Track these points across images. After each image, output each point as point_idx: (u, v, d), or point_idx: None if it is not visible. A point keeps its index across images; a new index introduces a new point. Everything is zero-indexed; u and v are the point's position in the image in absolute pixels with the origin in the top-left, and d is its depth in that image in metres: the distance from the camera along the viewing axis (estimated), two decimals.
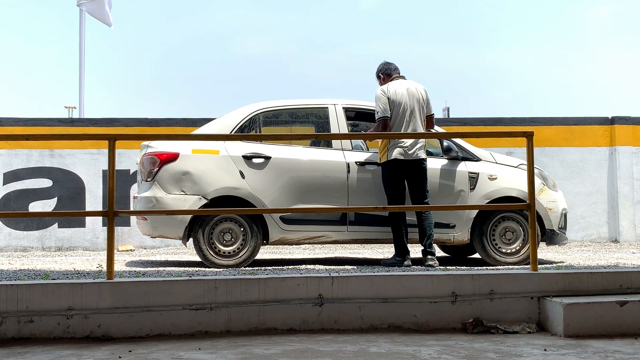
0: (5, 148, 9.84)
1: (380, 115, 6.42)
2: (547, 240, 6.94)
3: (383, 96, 6.45)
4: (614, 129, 10.45)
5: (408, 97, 6.45)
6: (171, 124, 9.97)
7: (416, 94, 6.49)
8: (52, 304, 3.97)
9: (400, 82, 6.56)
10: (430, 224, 6.43)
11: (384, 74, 6.73)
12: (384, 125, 6.40)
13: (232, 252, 6.52)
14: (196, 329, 4.06)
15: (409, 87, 6.51)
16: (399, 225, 6.43)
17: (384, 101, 6.43)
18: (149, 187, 6.56)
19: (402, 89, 6.47)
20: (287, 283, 4.19)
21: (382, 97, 6.46)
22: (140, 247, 9.76)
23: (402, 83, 6.55)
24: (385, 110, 6.41)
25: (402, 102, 6.42)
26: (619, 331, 4.04)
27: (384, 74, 6.73)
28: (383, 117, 6.41)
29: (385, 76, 6.71)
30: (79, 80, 14.15)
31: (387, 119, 6.40)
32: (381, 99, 6.45)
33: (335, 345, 3.76)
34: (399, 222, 6.43)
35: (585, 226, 10.34)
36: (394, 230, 6.45)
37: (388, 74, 6.70)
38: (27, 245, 9.71)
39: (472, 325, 4.17)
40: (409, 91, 6.48)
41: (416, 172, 6.42)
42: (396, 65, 6.75)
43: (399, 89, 6.47)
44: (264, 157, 6.63)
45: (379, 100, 6.46)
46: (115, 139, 4.34)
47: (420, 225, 6.42)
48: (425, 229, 6.41)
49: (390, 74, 6.69)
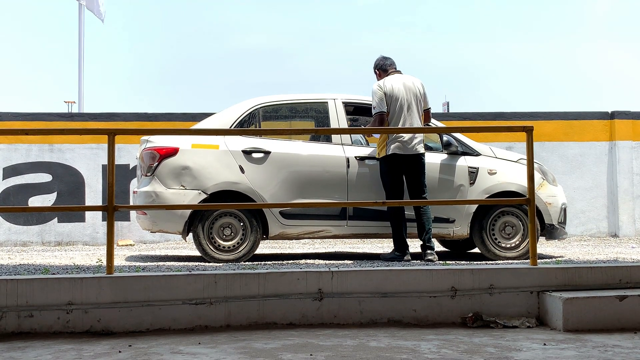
0: (4, 143, 9.83)
1: (377, 111, 6.42)
2: (547, 235, 6.94)
3: (379, 91, 6.45)
4: (614, 123, 10.45)
5: (405, 91, 6.44)
6: (171, 119, 9.97)
7: (413, 88, 6.48)
8: (52, 298, 3.97)
9: (397, 77, 6.55)
10: (428, 219, 6.43)
11: (380, 69, 6.72)
12: (381, 120, 6.40)
13: (232, 246, 6.52)
14: (196, 323, 4.07)
15: (405, 81, 6.50)
16: (398, 219, 6.43)
17: (379, 96, 6.42)
18: (149, 182, 6.56)
19: (398, 83, 6.46)
20: (287, 278, 4.20)
21: (378, 92, 6.45)
22: (140, 241, 9.77)
23: (398, 78, 6.54)
24: (382, 105, 6.40)
25: (399, 97, 6.40)
26: (618, 326, 4.05)
27: (380, 69, 6.71)
28: (379, 112, 6.40)
29: (382, 71, 6.69)
30: (79, 75, 14.14)
31: (383, 114, 6.39)
32: (377, 94, 6.44)
33: (335, 339, 3.76)
34: (398, 217, 6.43)
35: (585, 221, 10.34)
36: (393, 225, 6.45)
37: (384, 69, 6.69)
38: (27, 240, 9.71)
39: (471, 319, 4.18)
40: (405, 86, 6.46)
41: (414, 166, 6.41)
42: (392, 60, 6.73)
43: (396, 84, 6.46)
44: (264, 151, 6.62)
45: (375, 95, 6.45)
46: (114, 133, 4.34)
47: (419, 220, 6.42)
48: (424, 223, 6.41)
49: (386, 69, 6.67)
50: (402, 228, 6.44)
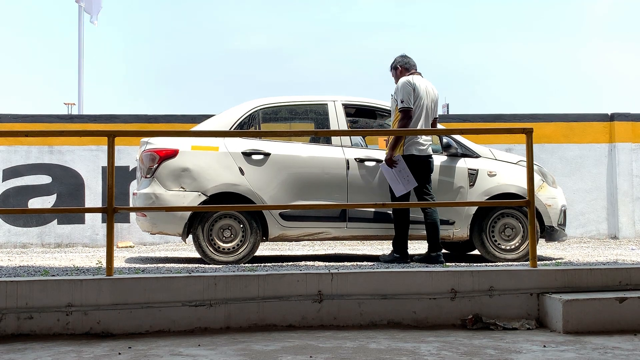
0: (4, 144, 9.83)
1: (405, 106, 6.26)
2: (547, 237, 6.94)
3: (409, 86, 6.31)
4: (614, 125, 10.45)
5: (426, 95, 6.39)
6: (171, 120, 9.97)
7: (432, 94, 6.44)
8: (51, 300, 3.97)
9: (420, 79, 6.47)
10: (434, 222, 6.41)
11: (402, 66, 6.58)
12: (409, 115, 6.28)
13: (232, 248, 6.52)
14: (196, 325, 4.07)
15: (427, 86, 6.44)
16: (402, 221, 6.38)
17: (408, 91, 6.29)
18: (149, 184, 6.56)
19: (423, 85, 6.40)
20: (287, 279, 4.20)
21: (407, 87, 6.31)
22: (139, 243, 9.76)
23: (422, 80, 6.46)
24: (410, 101, 6.27)
25: (422, 98, 6.34)
26: (618, 327, 4.05)
27: (402, 67, 6.58)
28: (408, 107, 6.27)
29: (404, 70, 6.56)
30: (78, 77, 14.16)
31: (411, 110, 6.27)
32: (406, 88, 6.30)
33: (335, 341, 3.76)
34: (404, 219, 6.39)
35: (585, 222, 10.34)
36: (397, 227, 6.41)
37: (406, 68, 6.56)
38: (27, 242, 9.71)
39: (471, 321, 4.18)
40: (427, 89, 6.41)
41: (426, 169, 6.38)
42: (415, 61, 6.67)
43: (422, 85, 6.37)
44: (264, 153, 6.63)
45: (404, 89, 6.30)
46: (114, 135, 4.34)
47: (426, 223, 6.41)
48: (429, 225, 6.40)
49: (408, 69, 6.55)
50: (407, 231, 6.41)
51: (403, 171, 6.29)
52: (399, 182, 6.32)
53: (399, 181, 6.31)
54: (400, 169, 6.28)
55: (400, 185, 6.31)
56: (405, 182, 6.30)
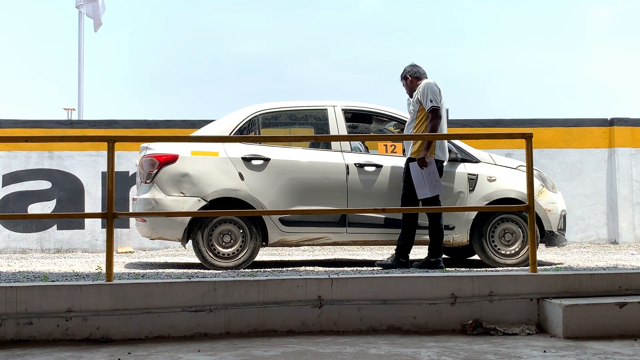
0: (4, 150, 9.83)
1: (435, 105, 6.32)
2: (547, 242, 6.94)
3: (436, 87, 6.40)
4: (613, 130, 10.45)
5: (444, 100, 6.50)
6: (170, 126, 9.97)
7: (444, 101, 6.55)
8: (51, 305, 3.96)
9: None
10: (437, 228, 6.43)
11: (412, 76, 6.62)
12: (439, 115, 6.33)
13: (232, 253, 6.51)
14: (195, 330, 4.06)
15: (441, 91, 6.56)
16: (412, 227, 6.38)
17: (436, 91, 6.36)
18: (148, 189, 6.56)
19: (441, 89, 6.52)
20: (287, 285, 4.19)
21: (434, 87, 6.38)
22: (139, 249, 9.76)
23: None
24: (438, 100, 6.34)
25: (444, 102, 6.45)
26: (618, 332, 4.04)
27: (412, 76, 6.62)
28: (438, 107, 6.33)
29: (414, 79, 6.60)
30: (78, 82, 14.17)
31: (440, 109, 6.35)
32: (434, 89, 6.37)
33: (335, 346, 3.76)
34: (414, 224, 6.39)
35: (585, 227, 10.34)
36: (406, 232, 6.39)
37: (417, 77, 6.60)
38: (26, 247, 9.70)
39: (471, 326, 4.17)
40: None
41: (441, 173, 6.45)
42: (424, 69, 6.70)
43: (441, 89, 6.49)
44: (263, 158, 6.63)
45: (432, 90, 6.35)
46: (114, 140, 4.34)
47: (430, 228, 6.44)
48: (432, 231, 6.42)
49: (419, 77, 6.59)
50: (414, 236, 6.42)
51: (432, 175, 6.26)
52: (425, 185, 6.25)
53: (426, 184, 6.25)
54: (430, 171, 6.26)
55: (426, 189, 6.25)
56: (432, 186, 6.24)
